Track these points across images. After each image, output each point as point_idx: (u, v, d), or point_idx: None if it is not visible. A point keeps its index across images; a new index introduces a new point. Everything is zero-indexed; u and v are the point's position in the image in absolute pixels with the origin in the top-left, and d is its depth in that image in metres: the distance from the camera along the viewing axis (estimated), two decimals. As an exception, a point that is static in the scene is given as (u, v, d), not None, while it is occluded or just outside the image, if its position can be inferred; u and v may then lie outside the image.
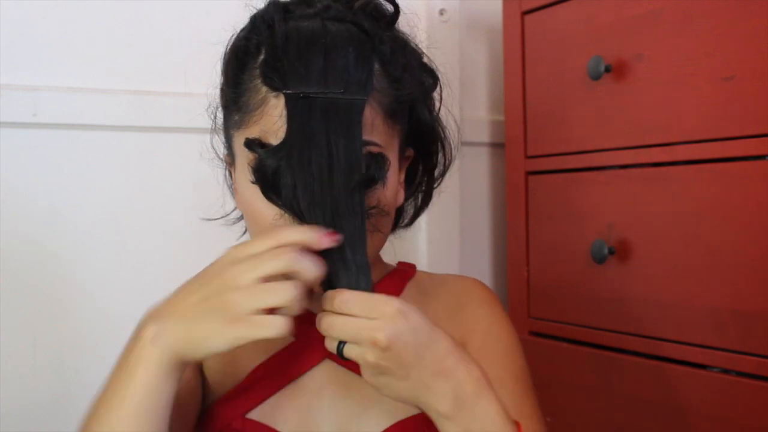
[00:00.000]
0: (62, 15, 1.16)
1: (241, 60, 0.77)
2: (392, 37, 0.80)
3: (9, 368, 1.11)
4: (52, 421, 1.14)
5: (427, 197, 0.91)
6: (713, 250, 1.03)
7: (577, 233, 1.22)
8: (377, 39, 0.76)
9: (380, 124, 0.76)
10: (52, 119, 1.14)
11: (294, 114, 0.70)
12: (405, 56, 0.80)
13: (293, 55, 0.71)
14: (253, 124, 0.74)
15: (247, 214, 0.80)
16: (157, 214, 1.21)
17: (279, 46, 0.72)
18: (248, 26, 0.78)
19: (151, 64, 1.21)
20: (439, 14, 1.46)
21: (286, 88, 0.70)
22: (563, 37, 1.25)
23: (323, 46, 0.71)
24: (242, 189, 0.78)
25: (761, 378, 0.98)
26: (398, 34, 0.82)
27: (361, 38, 0.74)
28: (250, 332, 0.65)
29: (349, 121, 0.70)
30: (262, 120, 0.73)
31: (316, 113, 0.70)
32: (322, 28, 0.73)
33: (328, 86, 0.70)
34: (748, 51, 0.99)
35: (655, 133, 1.10)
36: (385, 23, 0.80)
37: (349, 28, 0.75)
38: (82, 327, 1.16)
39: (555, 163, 1.27)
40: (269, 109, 0.73)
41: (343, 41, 0.73)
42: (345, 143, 0.69)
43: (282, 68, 0.71)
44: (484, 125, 1.53)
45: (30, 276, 1.14)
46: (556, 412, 1.25)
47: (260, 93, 0.74)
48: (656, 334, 1.10)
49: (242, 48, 0.77)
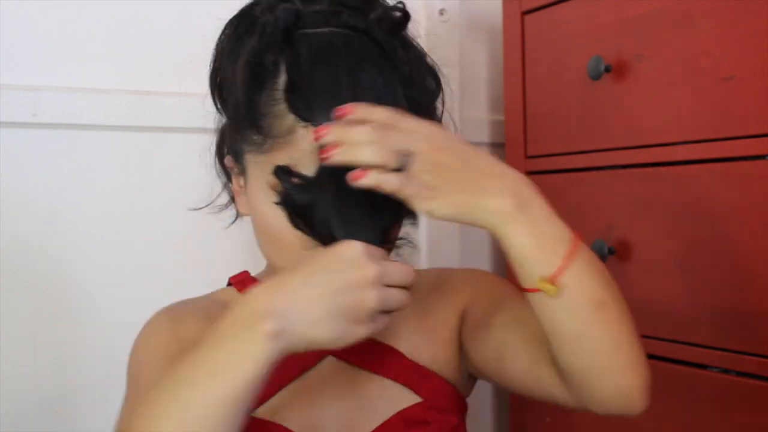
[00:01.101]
0: (62, 15, 1.16)
1: (258, 79, 0.75)
2: (406, 49, 0.79)
3: (9, 368, 1.11)
4: (52, 421, 1.14)
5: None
6: (713, 250, 1.03)
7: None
8: (396, 58, 0.76)
9: None
10: (52, 119, 1.14)
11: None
12: (419, 71, 0.80)
13: (321, 84, 0.71)
14: (278, 151, 0.73)
15: (263, 230, 0.79)
16: (157, 214, 1.21)
17: (305, 73, 0.72)
18: (257, 33, 0.76)
19: (151, 64, 1.22)
20: (439, 14, 1.46)
21: (316, 120, 0.70)
22: (563, 37, 1.25)
23: (350, 72, 0.71)
24: (262, 207, 0.77)
25: (761, 378, 0.98)
26: (406, 40, 0.81)
27: (383, 58, 0.74)
28: (369, 332, 0.67)
29: None
30: (288, 148, 0.73)
31: None
32: (344, 47, 0.73)
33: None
34: (748, 51, 0.99)
35: (655, 133, 1.10)
36: (396, 30, 0.79)
37: (368, 45, 0.75)
38: (82, 327, 1.16)
39: (555, 163, 1.27)
40: (297, 139, 0.72)
41: (368, 63, 0.73)
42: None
43: (310, 99, 0.71)
44: (484, 125, 1.53)
45: (30, 276, 1.14)
46: (556, 412, 1.25)
47: (286, 120, 0.73)
48: (656, 334, 1.10)
49: (257, 65, 0.75)
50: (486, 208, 0.68)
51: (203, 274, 1.02)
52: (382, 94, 0.72)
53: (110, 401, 1.15)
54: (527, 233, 0.68)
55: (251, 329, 0.64)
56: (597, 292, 0.70)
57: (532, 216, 0.68)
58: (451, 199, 0.68)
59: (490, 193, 0.68)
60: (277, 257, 0.79)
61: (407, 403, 0.82)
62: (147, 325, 0.85)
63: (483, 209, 0.68)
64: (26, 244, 1.13)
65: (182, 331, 0.81)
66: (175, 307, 0.86)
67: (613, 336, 0.70)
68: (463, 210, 0.68)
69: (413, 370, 0.84)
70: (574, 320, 0.69)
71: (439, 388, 0.84)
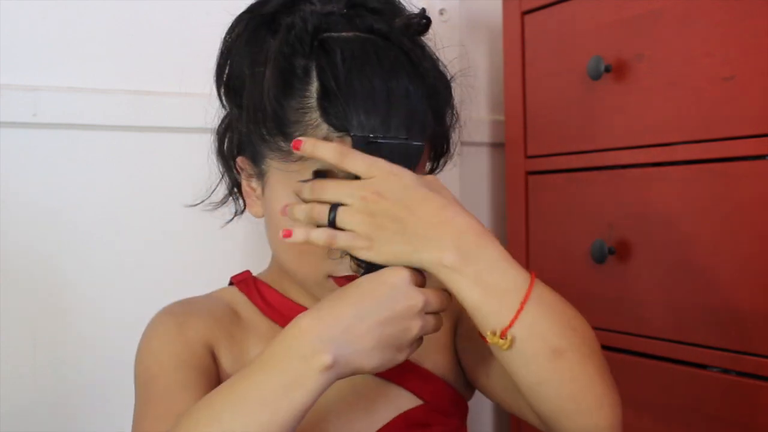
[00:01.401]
0: (62, 15, 1.16)
1: (288, 85, 0.73)
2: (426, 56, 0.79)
3: (9, 368, 1.11)
4: (52, 421, 1.14)
5: None
6: (713, 250, 1.03)
7: (577, 233, 1.22)
8: (422, 68, 0.76)
9: (425, 157, 0.78)
10: (52, 119, 1.14)
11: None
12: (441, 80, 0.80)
13: (357, 93, 0.71)
14: (309, 158, 0.72)
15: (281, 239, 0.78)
16: (157, 214, 1.21)
17: (341, 82, 0.71)
18: (281, 35, 0.74)
19: (151, 64, 1.21)
20: (439, 14, 1.46)
21: (351, 130, 0.70)
22: (563, 37, 1.25)
23: (384, 82, 0.71)
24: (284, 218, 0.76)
25: (761, 378, 0.98)
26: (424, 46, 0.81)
27: (412, 69, 0.74)
28: (408, 356, 0.70)
29: (412, 163, 0.72)
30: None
31: (383, 156, 0.70)
32: (376, 56, 0.73)
33: (391, 128, 0.71)
34: (748, 51, 0.99)
35: (655, 133, 1.10)
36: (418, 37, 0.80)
37: (397, 55, 0.74)
38: (82, 326, 1.16)
39: (555, 163, 1.27)
40: None
41: (400, 74, 0.73)
42: None
43: (347, 109, 0.71)
44: (484, 125, 1.53)
45: (30, 276, 1.14)
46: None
47: (320, 130, 0.72)
48: (656, 334, 1.10)
49: (287, 71, 0.73)
50: (428, 260, 0.68)
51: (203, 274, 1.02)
52: (415, 104, 0.73)
53: (110, 401, 1.16)
54: (473, 286, 0.68)
55: (307, 362, 0.65)
56: (553, 340, 0.68)
57: (479, 268, 0.68)
58: (387, 249, 0.68)
59: (432, 245, 0.68)
60: (295, 263, 0.79)
61: (409, 405, 0.82)
62: (152, 328, 0.83)
63: (425, 261, 0.68)
64: (26, 243, 1.13)
65: (190, 331, 0.80)
66: (178, 309, 0.85)
67: (575, 382, 0.69)
68: (403, 260, 0.69)
69: (415, 372, 0.84)
70: (531, 370, 0.69)
71: (440, 390, 0.84)
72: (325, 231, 0.69)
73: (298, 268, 0.78)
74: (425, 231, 0.68)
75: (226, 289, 0.90)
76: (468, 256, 0.67)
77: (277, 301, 0.85)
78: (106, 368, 1.17)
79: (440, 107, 0.79)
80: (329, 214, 0.69)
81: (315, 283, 0.78)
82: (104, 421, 1.17)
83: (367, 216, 0.68)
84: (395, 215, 0.68)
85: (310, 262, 0.76)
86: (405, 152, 0.71)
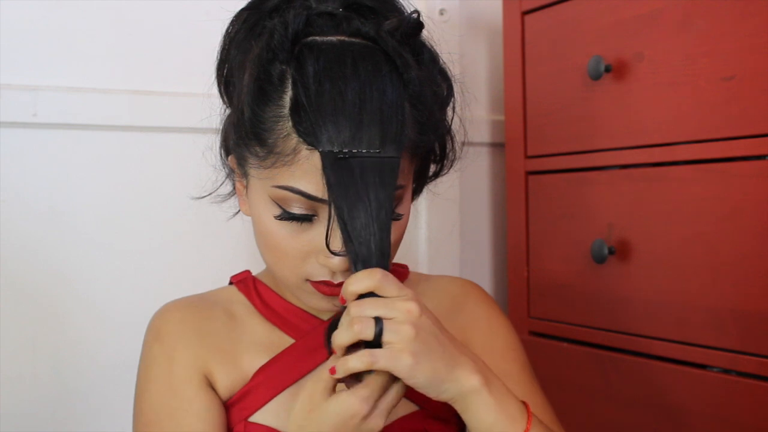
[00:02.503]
0: (62, 15, 1.16)
1: (264, 92, 0.73)
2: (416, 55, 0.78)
3: (9, 368, 1.11)
4: (52, 421, 1.14)
5: (417, 192, 0.89)
6: (713, 250, 1.03)
7: (577, 233, 1.22)
8: (407, 74, 0.74)
9: (406, 166, 0.76)
10: (51, 119, 1.14)
11: (331, 171, 0.70)
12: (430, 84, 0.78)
13: (327, 107, 0.70)
14: (281, 166, 0.72)
15: (265, 241, 0.78)
16: (156, 214, 1.21)
17: (311, 94, 0.70)
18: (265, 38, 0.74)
19: (151, 64, 1.22)
20: (439, 14, 1.46)
21: (320, 144, 0.70)
22: (563, 37, 1.25)
23: (357, 93, 0.70)
24: (263, 218, 0.77)
25: (761, 378, 0.98)
26: (418, 43, 0.80)
27: (393, 76, 0.73)
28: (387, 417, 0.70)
29: (385, 177, 0.71)
30: (292, 167, 0.72)
31: (353, 171, 0.70)
32: (353, 65, 0.72)
33: (363, 142, 0.70)
34: (748, 51, 0.99)
35: (655, 133, 1.10)
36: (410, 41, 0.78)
37: (379, 63, 0.73)
38: (82, 327, 1.16)
39: (555, 163, 1.27)
40: (301, 159, 0.72)
41: (377, 84, 0.72)
42: (380, 196, 0.70)
43: (315, 122, 0.70)
44: (484, 125, 1.53)
45: (30, 276, 1.14)
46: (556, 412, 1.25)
47: (290, 141, 0.72)
48: (656, 334, 1.10)
49: (264, 77, 0.73)
50: (458, 379, 0.70)
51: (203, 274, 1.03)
52: (390, 115, 0.71)
53: (110, 402, 1.16)
54: (492, 409, 0.71)
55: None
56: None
57: (495, 393, 0.71)
58: (428, 367, 0.68)
59: (463, 367, 0.70)
60: (275, 265, 0.79)
61: (405, 411, 0.81)
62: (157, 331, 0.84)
63: (455, 380, 0.70)
64: (26, 243, 1.13)
65: (179, 368, 0.82)
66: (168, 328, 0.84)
67: None
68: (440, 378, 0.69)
69: None
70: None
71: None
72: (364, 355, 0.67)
73: (279, 271, 0.79)
74: (455, 350, 0.70)
75: (225, 289, 0.90)
76: (489, 382, 0.71)
77: (274, 302, 0.86)
78: (105, 369, 1.17)
79: (425, 115, 0.77)
80: (375, 326, 0.67)
81: (295, 286, 0.79)
82: (104, 422, 1.17)
83: (413, 328, 0.68)
84: (434, 332, 0.69)
85: (288, 266, 0.76)
86: (378, 167, 0.70)
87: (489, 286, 1.55)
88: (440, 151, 0.86)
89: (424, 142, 0.78)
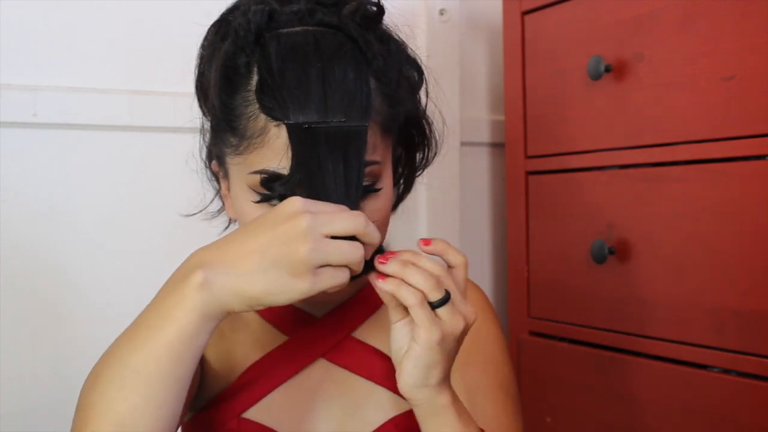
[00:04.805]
0: (62, 15, 1.16)
1: (231, 82, 0.75)
2: (381, 42, 0.78)
3: (9, 368, 1.11)
4: (52, 421, 1.14)
5: (408, 186, 0.89)
6: (713, 250, 1.03)
7: (577, 233, 1.22)
8: (370, 52, 0.75)
9: (379, 142, 0.76)
10: (51, 119, 1.14)
11: (298, 144, 0.69)
12: (396, 64, 0.79)
13: (291, 82, 0.70)
14: (253, 150, 0.73)
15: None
16: (156, 214, 1.21)
17: (275, 72, 0.71)
18: (231, 36, 0.75)
19: (151, 64, 1.22)
20: (439, 14, 1.46)
21: (287, 119, 0.70)
22: (563, 37, 1.25)
23: (321, 69, 0.71)
24: (244, 207, 0.77)
25: (761, 378, 0.98)
26: (384, 33, 0.80)
27: (356, 53, 0.74)
28: (316, 285, 0.64)
29: (353, 147, 0.70)
30: (263, 148, 0.72)
31: (320, 143, 0.69)
32: (315, 45, 0.72)
33: (328, 113, 0.70)
34: (748, 51, 0.99)
35: (655, 133, 1.10)
36: (371, 25, 0.78)
37: (341, 42, 0.74)
38: (82, 327, 1.16)
39: (555, 163, 1.27)
40: (270, 138, 0.72)
41: (340, 60, 0.72)
42: (350, 168, 0.70)
43: (281, 97, 0.70)
44: (484, 125, 1.53)
45: (30, 276, 1.14)
46: (556, 412, 1.25)
47: (259, 121, 0.72)
48: (656, 334, 1.10)
49: (231, 68, 0.74)
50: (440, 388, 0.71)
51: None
52: (352, 88, 0.71)
53: (110, 401, 1.16)
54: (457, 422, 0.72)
55: (181, 282, 0.66)
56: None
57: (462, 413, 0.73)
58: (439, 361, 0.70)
59: (447, 381, 0.72)
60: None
61: (399, 410, 0.81)
62: None
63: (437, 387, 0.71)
64: (26, 243, 1.13)
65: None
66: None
67: None
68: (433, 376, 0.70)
69: None
70: None
71: None
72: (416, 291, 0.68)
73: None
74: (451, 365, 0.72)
75: None
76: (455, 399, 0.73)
77: None
78: (106, 368, 1.16)
79: (396, 92, 0.77)
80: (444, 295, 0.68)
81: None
82: (104, 421, 1.16)
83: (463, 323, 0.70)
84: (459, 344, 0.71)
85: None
86: (345, 135, 0.70)
87: (489, 286, 1.55)
88: (419, 138, 0.86)
89: (394, 114, 0.77)
